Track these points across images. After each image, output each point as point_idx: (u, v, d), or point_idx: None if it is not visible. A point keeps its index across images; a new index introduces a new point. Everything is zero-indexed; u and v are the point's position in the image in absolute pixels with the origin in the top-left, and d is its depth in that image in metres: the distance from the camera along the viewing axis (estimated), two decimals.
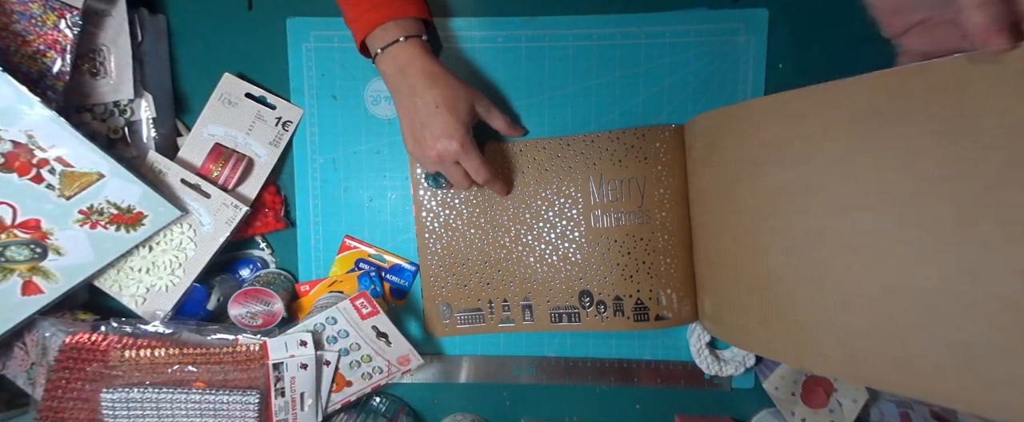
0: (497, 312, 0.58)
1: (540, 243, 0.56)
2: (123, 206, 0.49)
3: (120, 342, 0.50)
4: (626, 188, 0.54)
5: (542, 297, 0.57)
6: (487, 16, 0.55)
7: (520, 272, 0.57)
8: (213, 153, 0.54)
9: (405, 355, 0.53)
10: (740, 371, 0.57)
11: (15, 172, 0.45)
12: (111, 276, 0.53)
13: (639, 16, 0.54)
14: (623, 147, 0.54)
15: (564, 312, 0.56)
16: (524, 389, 0.60)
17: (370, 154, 0.57)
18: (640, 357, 0.59)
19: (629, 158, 0.54)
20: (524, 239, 0.56)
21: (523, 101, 0.56)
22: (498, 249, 0.57)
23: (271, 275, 0.57)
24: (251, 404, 0.50)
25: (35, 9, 0.46)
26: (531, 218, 0.56)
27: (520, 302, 0.57)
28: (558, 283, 0.56)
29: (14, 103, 0.43)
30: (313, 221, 0.58)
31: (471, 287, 0.58)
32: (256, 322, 0.53)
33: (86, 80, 0.50)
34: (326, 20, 0.56)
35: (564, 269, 0.56)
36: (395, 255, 0.58)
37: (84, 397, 0.50)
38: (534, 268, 0.57)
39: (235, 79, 0.55)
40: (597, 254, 0.55)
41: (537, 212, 0.56)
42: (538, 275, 0.57)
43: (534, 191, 0.56)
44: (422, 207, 0.57)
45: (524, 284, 0.57)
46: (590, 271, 0.55)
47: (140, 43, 0.52)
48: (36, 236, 0.48)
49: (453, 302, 0.58)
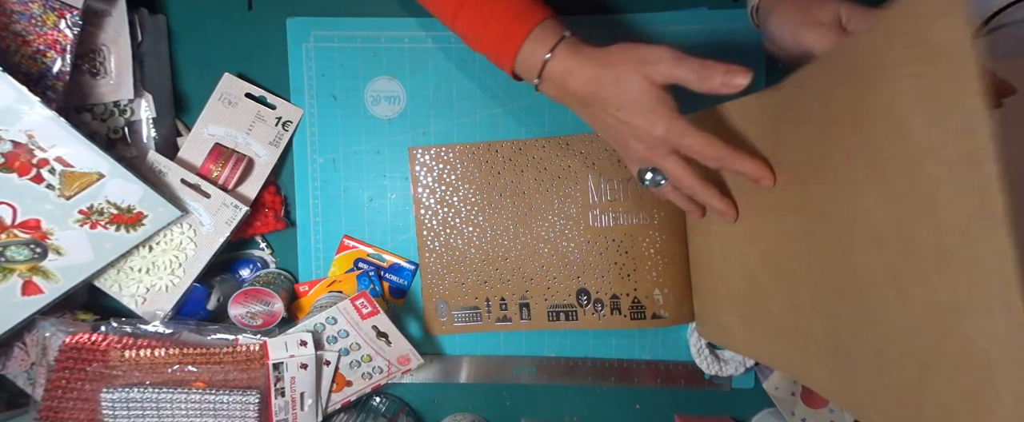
0: (494, 310, 0.58)
1: (538, 241, 0.56)
2: (123, 206, 0.49)
3: (120, 342, 0.50)
4: (625, 187, 0.54)
5: (540, 295, 0.57)
6: None
7: (518, 270, 0.57)
8: (213, 153, 0.54)
9: (405, 355, 0.53)
10: (740, 371, 0.57)
11: (15, 172, 0.45)
12: (111, 276, 0.53)
13: (639, 16, 0.54)
14: None
15: (561, 310, 0.56)
16: (524, 389, 0.60)
17: (370, 154, 0.57)
18: (640, 357, 0.59)
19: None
20: (522, 238, 0.56)
21: (523, 101, 0.56)
22: (496, 247, 0.57)
23: (271, 275, 0.57)
24: (251, 404, 0.50)
25: (35, 9, 0.46)
26: (529, 216, 0.56)
27: (517, 300, 0.57)
28: (556, 281, 0.56)
29: (14, 103, 0.43)
30: (313, 221, 0.58)
31: (469, 285, 0.58)
32: (256, 322, 0.53)
33: (86, 80, 0.50)
34: (326, 20, 0.56)
35: (562, 267, 0.56)
36: (394, 254, 0.58)
37: (84, 397, 0.50)
38: (532, 266, 0.57)
39: (235, 79, 0.55)
40: (595, 253, 0.55)
41: (536, 210, 0.56)
42: (536, 273, 0.57)
43: (533, 189, 0.56)
44: (421, 204, 0.57)
45: (522, 282, 0.57)
46: (588, 270, 0.55)
47: (140, 43, 0.52)
48: (36, 236, 0.48)
49: (450, 300, 0.58)
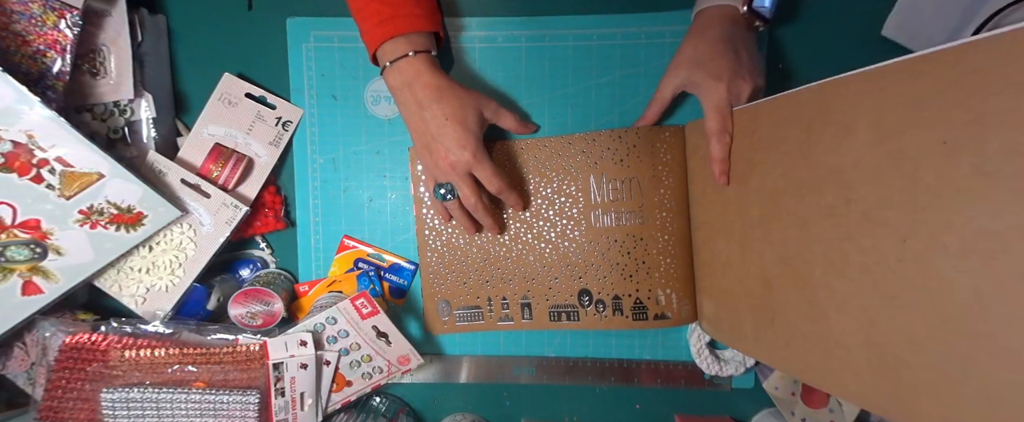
0: (496, 310, 0.58)
1: (540, 242, 0.56)
2: (123, 206, 0.49)
3: (120, 342, 0.50)
4: (627, 188, 0.54)
5: (541, 295, 0.57)
6: (487, 16, 0.55)
7: (520, 270, 0.57)
8: (213, 153, 0.54)
9: (405, 355, 0.53)
10: (740, 371, 0.57)
11: (15, 172, 0.45)
12: (111, 276, 0.53)
13: (639, 16, 0.54)
14: (625, 146, 0.54)
15: (563, 310, 0.56)
16: (524, 389, 0.60)
17: (370, 154, 0.57)
18: (640, 357, 0.59)
19: (631, 158, 0.54)
20: (524, 237, 0.56)
21: (523, 101, 0.56)
22: (498, 247, 0.57)
23: (271, 275, 0.57)
24: (251, 404, 0.50)
25: (35, 9, 0.46)
26: (531, 216, 0.56)
27: (519, 300, 0.57)
28: (557, 282, 0.56)
29: (14, 103, 0.43)
30: (313, 221, 0.58)
31: (471, 284, 0.58)
32: (256, 322, 0.53)
33: (86, 80, 0.50)
34: (326, 20, 0.56)
35: (563, 268, 0.56)
36: (394, 254, 0.58)
37: (84, 397, 0.50)
38: (534, 266, 0.57)
39: (235, 79, 0.55)
40: (597, 253, 0.55)
41: (537, 210, 0.56)
42: (537, 273, 0.57)
43: (535, 189, 0.56)
44: (422, 204, 0.57)
45: (524, 282, 0.57)
46: (590, 270, 0.55)
47: (140, 43, 0.52)
48: (36, 236, 0.47)
49: (452, 299, 0.58)
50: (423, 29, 0.48)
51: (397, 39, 0.47)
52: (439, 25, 0.50)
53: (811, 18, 0.55)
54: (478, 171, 0.49)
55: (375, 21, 0.47)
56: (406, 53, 0.47)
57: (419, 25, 0.48)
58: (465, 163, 0.48)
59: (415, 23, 0.48)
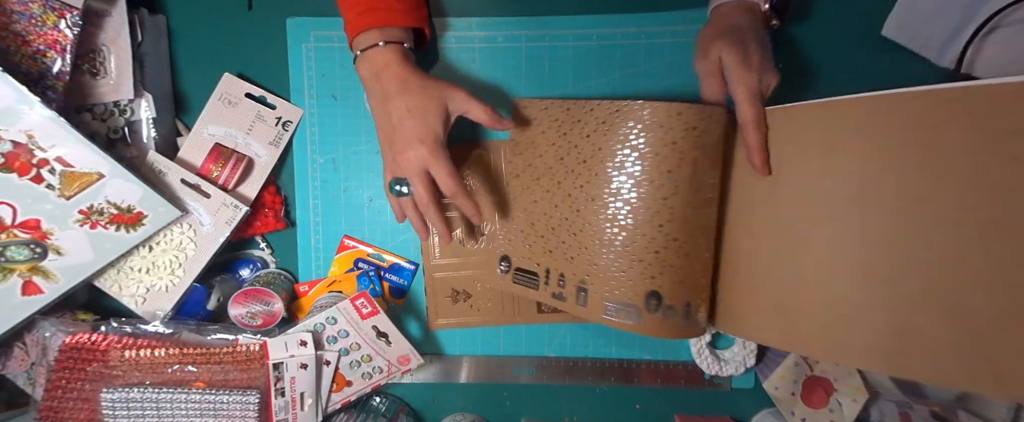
0: (553, 284, 0.52)
1: (612, 225, 0.47)
2: (123, 206, 0.49)
3: (120, 342, 0.50)
4: (715, 183, 0.47)
5: (602, 286, 0.48)
6: (487, 16, 0.55)
7: (584, 252, 0.49)
8: (213, 153, 0.54)
9: (405, 355, 0.53)
10: (740, 371, 0.57)
11: (15, 172, 0.45)
12: (111, 276, 0.53)
13: (639, 16, 0.54)
14: (681, 125, 0.44)
15: (623, 309, 0.48)
16: (524, 389, 0.60)
17: (370, 154, 0.57)
18: (640, 357, 0.59)
19: (718, 145, 0.46)
20: (588, 217, 0.49)
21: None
22: (566, 219, 0.50)
23: (271, 275, 0.57)
24: (251, 404, 0.50)
25: (35, 9, 0.46)
26: (610, 197, 0.47)
27: (576, 283, 0.50)
28: (624, 276, 0.47)
29: (14, 103, 0.43)
30: (313, 221, 0.58)
31: (535, 249, 0.53)
32: (256, 322, 0.53)
33: (86, 80, 0.50)
34: (326, 20, 0.56)
35: (634, 262, 0.47)
36: (394, 254, 0.58)
37: (84, 397, 0.50)
38: (599, 252, 0.48)
39: (235, 79, 0.55)
40: (679, 254, 0.47)
41: (617, 191, 0.47)
42: (602, 260, 0.48)
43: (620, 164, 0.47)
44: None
45: (586, 266, 0.49)
46: (667, 271, 0.46)
47: (140, 43, 0.52)
48: (36, 236, 0.48)
49: (514, 257, 0.55)
50: (401, 24, 0.48)
51: (371, 30, 0.47)
52: (422, 21, 0.50)
53: (811, 18, 0.54)
54: (434, 168, 0.46)
55: (355, 12, 0.47)
56: (377, 43, 0.47)
57: (397, 20, 0.48)
58: (420, 158, 0.46)
59: (393, 17, 0.47)
